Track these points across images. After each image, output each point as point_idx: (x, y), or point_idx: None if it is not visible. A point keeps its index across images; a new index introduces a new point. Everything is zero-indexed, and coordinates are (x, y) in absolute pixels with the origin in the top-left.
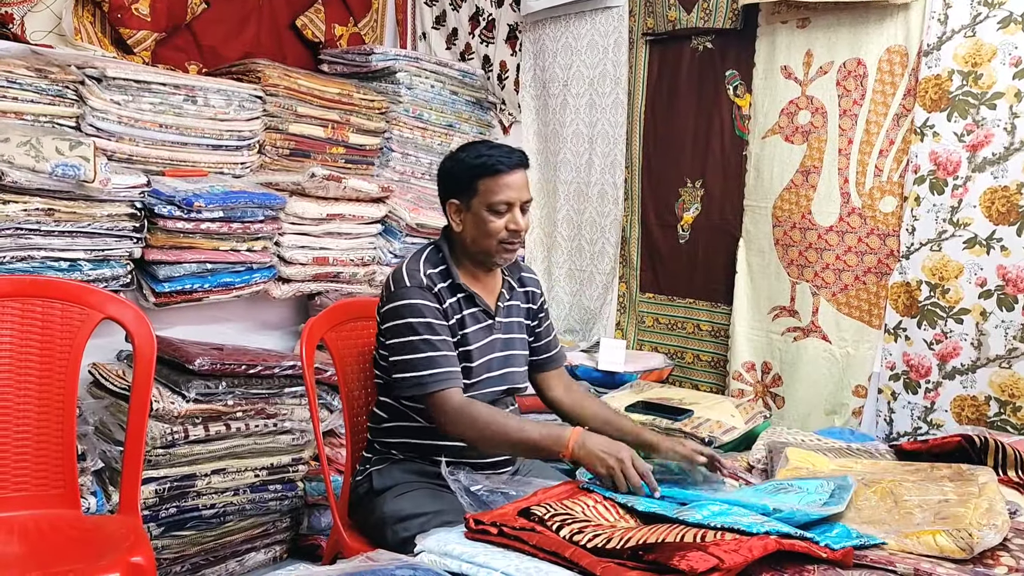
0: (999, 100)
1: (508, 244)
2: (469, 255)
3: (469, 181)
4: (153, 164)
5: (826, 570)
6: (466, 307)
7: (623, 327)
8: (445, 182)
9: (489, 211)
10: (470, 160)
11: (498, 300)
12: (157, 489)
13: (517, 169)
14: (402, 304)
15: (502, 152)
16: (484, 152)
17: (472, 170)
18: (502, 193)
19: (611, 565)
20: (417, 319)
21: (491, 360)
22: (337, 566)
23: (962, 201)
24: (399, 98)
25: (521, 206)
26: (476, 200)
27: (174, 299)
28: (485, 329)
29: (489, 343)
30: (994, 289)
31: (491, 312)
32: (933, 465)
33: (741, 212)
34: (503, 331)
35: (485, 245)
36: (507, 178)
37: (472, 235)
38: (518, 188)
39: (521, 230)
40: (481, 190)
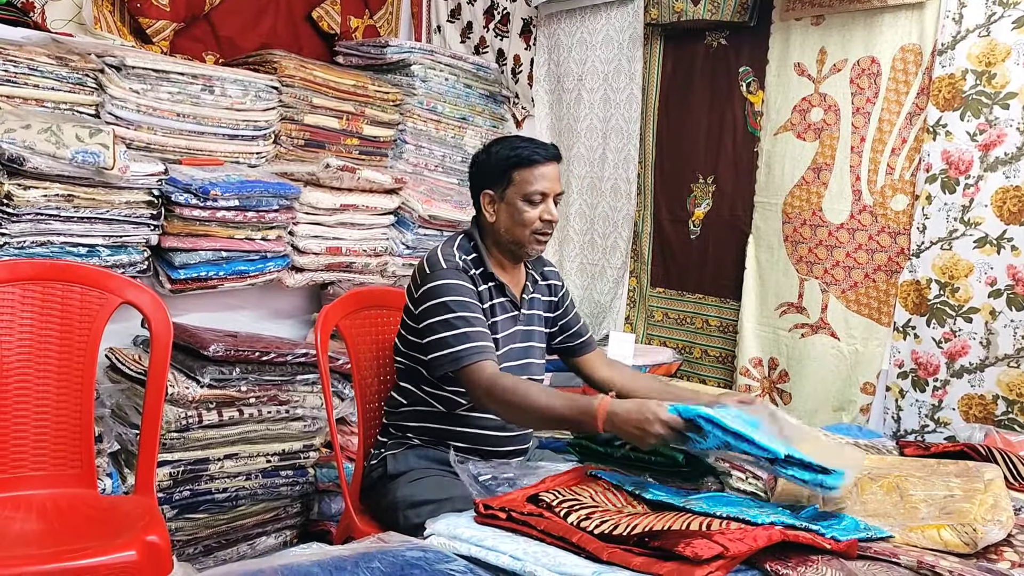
0: (1012, 100)
1: (541, 235)
2: (500, 246)
3: (504, 172)
4: (170, 152)
5: (830, 560)
6: (496, 296)
7: (633, 321)
8: (479, 174)
9: (524, 201)
10: (506, 152)
11: (522, 292)
12: (171, 472)
13: (551, 161)
14: (439, 284)
15: (537, 144)
16: (519, 144)
17: (507, 160)
18: (537, 183)
19: (617, 551)
20: (453, 297)
21: (512, 349)
22: (349, 546)
23: (973, 200)
24: (413, 91)
25: (554, 198)
26: (511, 190)
27: (189, 286)
28: (511, 319)
29: (512, 333)
30: (1004, 288)
31: (517, 303)
32: (940, 461)
33: (752, 208)
34: (525, 323)
35: (519, 235)
36: (542, 169)
37: (506, 225)
38: (552, 179)
39: (554, 220)
40: (516, 180)
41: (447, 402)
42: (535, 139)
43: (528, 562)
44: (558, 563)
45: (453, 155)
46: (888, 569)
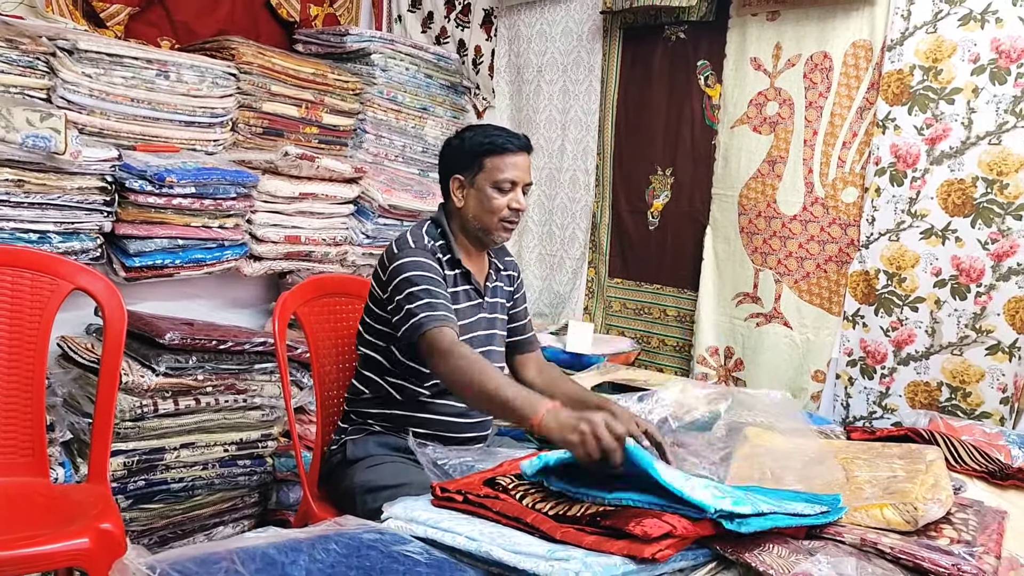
0: (957, 95)
1: (508, 222)
2: (467, 232)
3: (476, 158)
4: (125, 138)
5: (780, 542)
6: (461, 283)
7: (591, 311)
8: (450, 159)
9: (494, 188)
10: (478, 138)
11: (486, 280)
12: (126, 462)
13: (523, 151)
14: (406, 261)
15: (510, 134)
16: (493, 132)
17: (480, 147)
18: (508, 171)
19: (570, 530)
20: (418, 272)
21: (474, 337)
22: (306, 529)
23: (920, 193)
24: (373, 80)
25: (523, 187)
26: (481, 176)
27: (144, 274)
28: (475, 307)
29: (476, 320)
30: (948, 279)
31: (481, 291)
32: (885, 444)
33: (709, 200)
34: (489, 310)
35: (486, 221)
36: (513, 157)
37: (474, 211)
38: (523, 169)
39: (522, 209)
40: (487, 167)
41: (409, 391)
42: (508, 128)
43: (483, 542)
44: (513, 543)
45: (413, 145)
46: (834, 547)
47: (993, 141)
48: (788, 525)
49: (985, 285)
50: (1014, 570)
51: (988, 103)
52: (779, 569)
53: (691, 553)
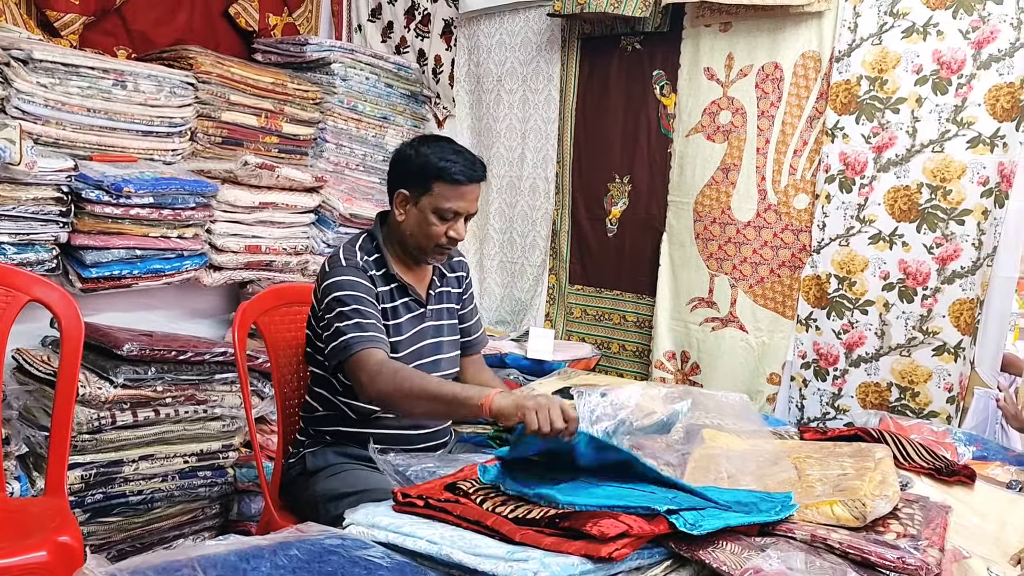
0: (902, 105)
1: (443, 249)
2: (403, 246)
3: (426, 179)
4: (81, 148)
5: (732, 539)
6: (398, 297)
7: (552, 318)
8: (400, 171)
9: (436, 214)
10: (434, 159)
11: (429, 288)
12: (83, 475)
13: (476, 184)
14: (335, 280)
15: (466, 162)
16: (450, 156)
17: (433, 170)
18: (454, 202)
19: (529, 532)
20: (347, 292)
21: (422, 348)
22: (267, 536)
23: (868, 199)
24: (334, 89)
25: (466, 216)
26: (427, 199)
27: (101, 285)
28: (416, 318)
29: (420, 331)
30: (896, 282)
31: (422, 301)
32: (836, 444)
33: (665, 207)
34: (434, 319)
35: (421, 243)
36: (464, 189)
37: (412, 230)
38: (471, 201)
39: (460, 239)
40: (435, 192)
41: (362, 409)
42: (467, 152)
43: (444, 545)
44: (473, 545)
45: (374, 154)
46: (785, 543)
47: (936, 149)
48: (741, 524)
49: (931, 288)
50: (957, 562)
51: (931, 112)
52: (732, 565)
53: (647, 552)
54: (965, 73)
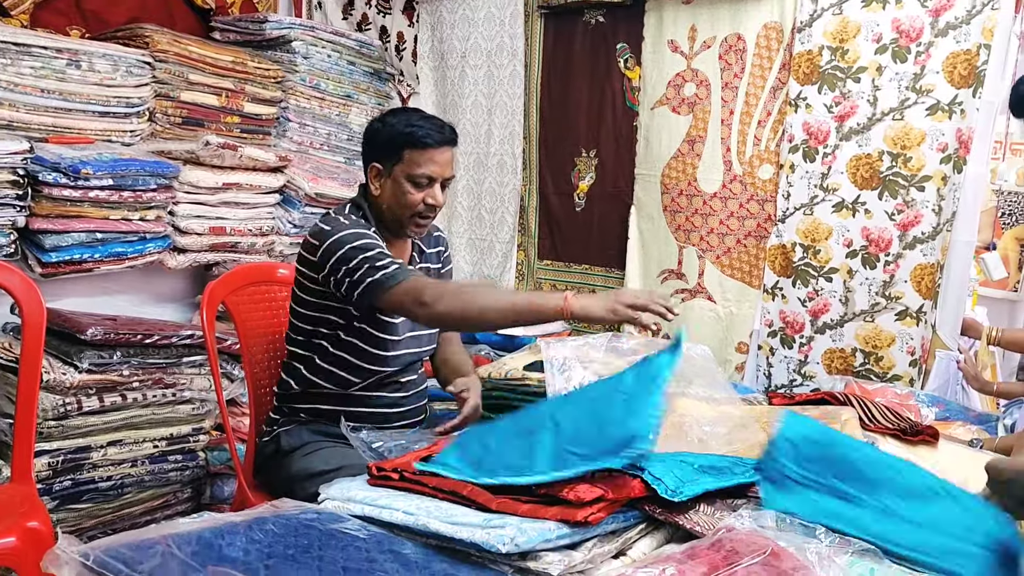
0: (863, 74)
1: (422, 218)
2: (382, 221)
3: (395, 148)
4: (36, 130)
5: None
6: None
7: None
8: (370, 144)
9: (409, 182)
10: (400, 127)
11: (409, 263)
12: (50, 462)
13: (446, 145)
14: (345, 234)
15: (433, 125)
16: (416, 122)
17: (400, 137)
18: (426, 167)
19: (506, 500)
20: (364, 240)
21: (400, 323)
22: (241, 512)
23: (831, 168)
24: (295, 67)
25: (442, 182)
26: (399, 168)
27: (62, 269)
28: None
29: None
30: (859, 249)
31: None
32: (803, 407)
33: (633, 180)
34: None
35: (399, 214)
36: (434, 152)
37: (388, 202)
38: (443, 164)
39: (438, 205)
40: (406, 159)
41: (341, 382)
42: (435, 118)
43: (420, 516)
44: (450, 515)
45: (339, 133)
46: (756, 503)
47: (896, 117)
48: (718, 487)
49: (893, 254)
50: None
51: (891, 80)
52: (705, 526)
53: (621, 515)
54: (923, 41)
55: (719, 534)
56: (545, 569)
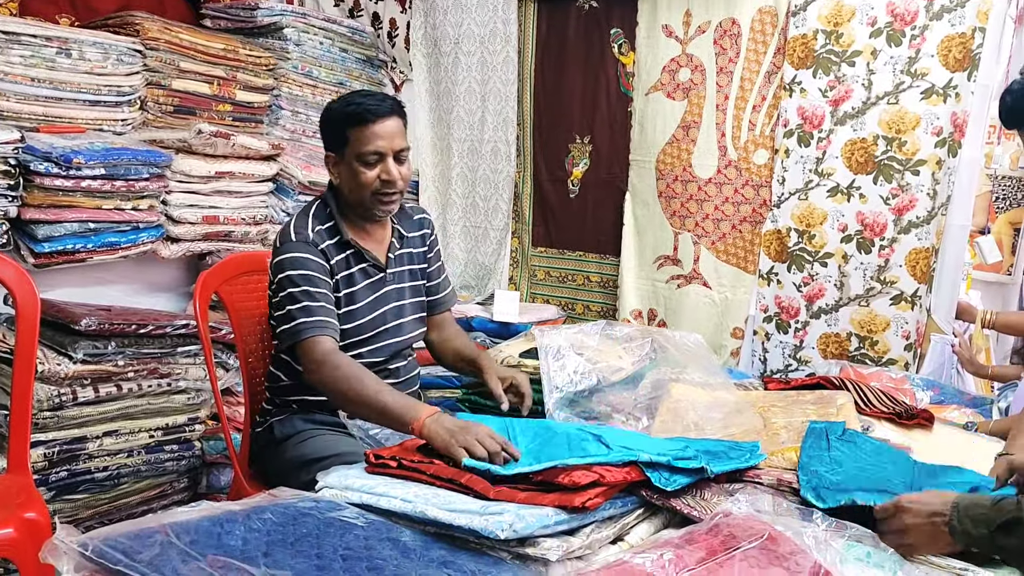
0: (857, 58)
1: (383, 196)
2: (351, 208)
3: (340, 132)
4: (26, 120)
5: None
6: (355, 263)
7: (516, 281)
8: (322, 134)
9: (359, 162)
10: (340, 109)
11: (388, 251)
12: (46, 453)
13: (388, 117)
14: (285, 258)
15: (373, 100)
16: (354, 101)
17: (342, 120)
18: (371, 143)
19: (504, 488)
20: (297, 271)
21: (385, 313)
22: (240, 501)
23: (826, 153)
24: (287, 55)
25: (396, 155)
26: (348, 151)
27: (55, 260)
28: (376, 283)
29: (381, 296)
30: (854, 234)
31: (381, 265)
32: (799, 392)
33: (627, 166)
34: (395, 282)
35: (360, 197)
36: (376, 127)
37: (348, 187)
38: (388, 136)
39: (394, 180)
40: (351, 139)
41: None
42: (376, 92)
43: (419, 503)
44: (448, 502)
45: None
46: (752, 488)
47: (891, 101)
48: (713, 474)
49: (888, 239)
50: None
51: (886, 64)
52: (702, 510)
53: (619, 501)
54: (918, 24)
55: (716, 519)
56: (543, 555)
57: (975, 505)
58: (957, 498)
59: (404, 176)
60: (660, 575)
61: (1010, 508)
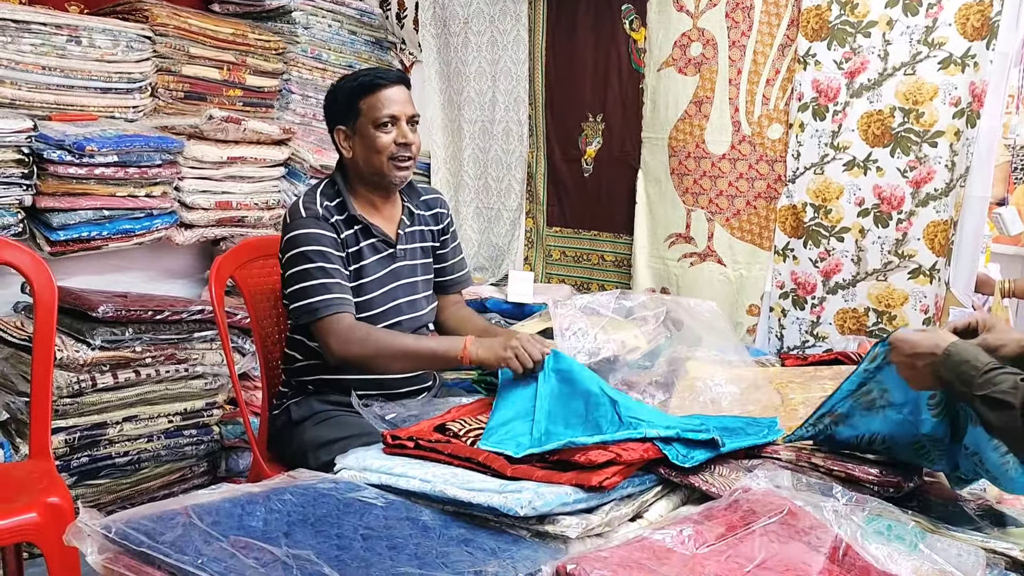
0: (873, 28)
1: (399, 160)
2: (364, 180)
3: (352, 103)
4: (38, 108)
5: (721, 463)
6: (364, 239)
7: (531, 261)
8: (330, 111)
9: (375, 127)
10: (349, 83)
11: (398, 228)
12: (67, 439)
13: (397, 84)
14: (297, 234)
15: (380, 70)
16: (362, 73)
17: (353, 92)
18: (386, 108)
19: (521, 467)
20: (311, 247)
21: (395, 289)
22: (260, 483)
23: (842, 126)
24: (296, 38)
25: (408, 120)
26: (361, 120)
27: (71, 247)
28: (386, 259)
29: (391, 272)
30: (871, 208)
31: (391, 241)
32: (817, 368)
33: (640, 144)
34: (407, 258)
35: (377, 164)
36: (388, 92)
37: (363, 156)
38: (401, 102)
39: (411, 143)
40: (364, 109)
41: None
42: (379, 67)
43: (437, 483)
44: (466, 481)
45: None
46: (771, 464)
47: (908, 72)
48: (730, 449)
49: (905, 212)
50: (932, 476)
51: (902, 34)
52: (721, 487)
53: (637, 479)
54: None
55: (735, 495)
56: (563, 532)
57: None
58: (950, 345)
59: (417, 144)
60: (680, 551)
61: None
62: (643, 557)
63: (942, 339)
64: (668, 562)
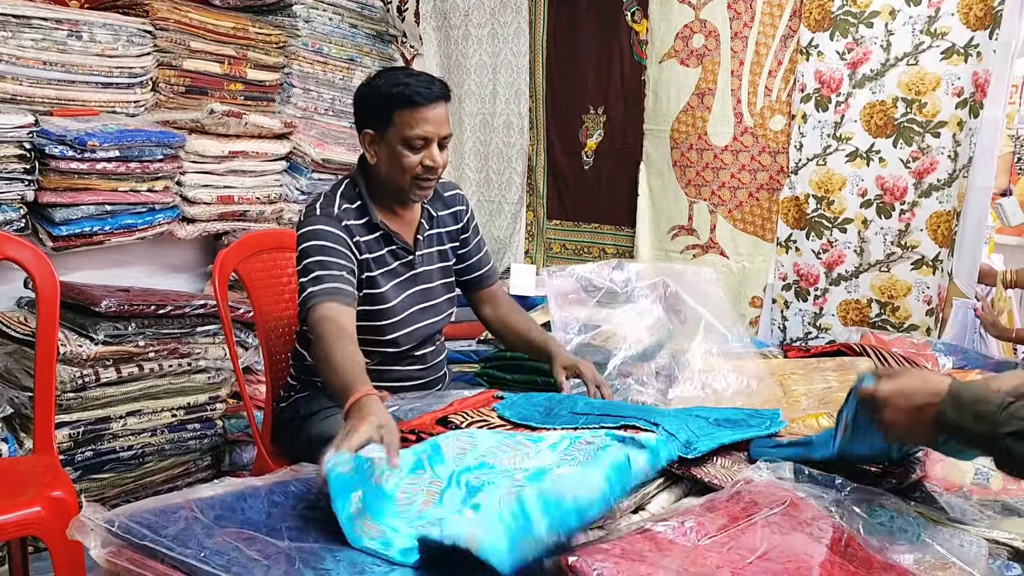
0: (875, 18)
1: (423, 181)
2: (384, 189)
3: (385, 111)
4: (40, 104)
5: (723, 454)
6: (384, 245)
7: (532, 254)
8: (360, 110)
9: (404, 145)
10: (386, 88)
11: (417, 233)
12: (71, 433)
13: (437, 102)
14: (305, 231)
15: (421, 82)
16: (402, 80)
17: (388, 99)
18: (419, 127)
19: None
20: (313, 242)
21: (413, 295)
22: (263, 476)
23: (844, 117)
24: (297, 32)
25: (440, 141)
26: (391, 132)
27: (73, 243)
28: (404, 266)
29: (406, 280)
30: (873, 199)
31: (410, 248)
32: (819, 360)
33: (641, 136)
34: (425, 264)
35: (399, 181)
36: (425, 111)
37: (386, 168)
38: (437, 123)
39: (438, 167)
40: (397, 122)
41: None
42: (423, 74)
43: None
44: None
45: (343, 97)
46: None
47: (911, 62)
48: (733, 441)
49: (908, 203)
50: (941, 463)
51: (904, 24)
52: (723, 478)
53: None
54: None
55: (737, 486)
56: None
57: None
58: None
59: (444, 163)
60: (682, 543)
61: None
62: (645, 549)
63: (935, 381)
64: (670, 554)
